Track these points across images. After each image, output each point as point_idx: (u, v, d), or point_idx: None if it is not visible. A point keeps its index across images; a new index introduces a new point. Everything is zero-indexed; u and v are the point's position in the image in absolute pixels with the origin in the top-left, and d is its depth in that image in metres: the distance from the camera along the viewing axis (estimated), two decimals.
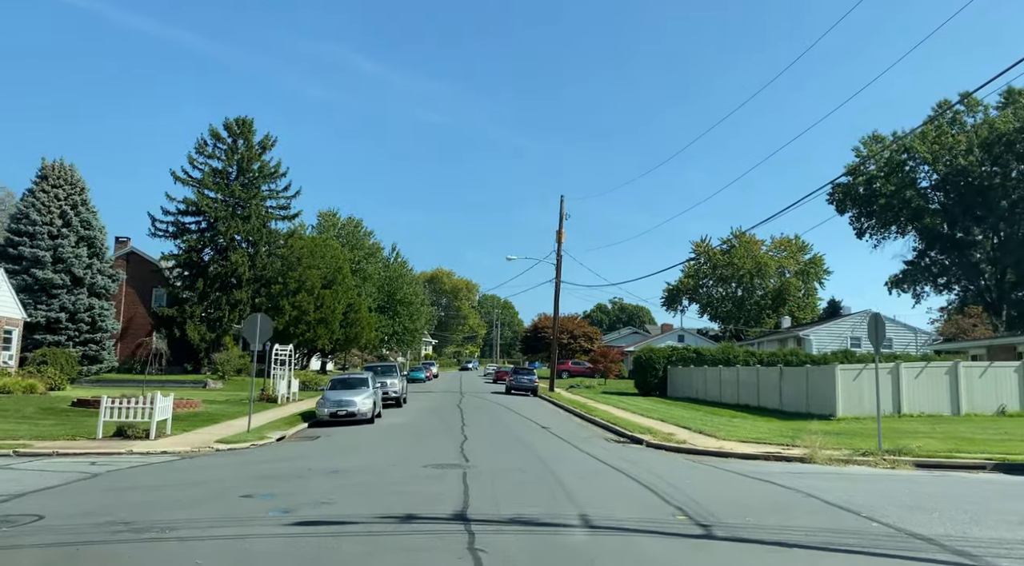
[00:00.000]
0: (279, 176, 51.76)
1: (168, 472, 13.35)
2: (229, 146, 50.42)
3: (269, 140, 51.60)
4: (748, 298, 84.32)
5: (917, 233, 69.42)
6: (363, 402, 24.44)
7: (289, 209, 51.71)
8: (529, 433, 21.85)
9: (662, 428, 22.66)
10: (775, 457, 17.10)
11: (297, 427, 22.98)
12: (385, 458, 15.09)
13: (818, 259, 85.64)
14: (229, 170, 50.49)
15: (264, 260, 49.61)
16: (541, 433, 22.06)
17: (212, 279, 48.52)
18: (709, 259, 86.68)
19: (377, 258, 62.66)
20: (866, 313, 53.88)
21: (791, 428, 23.01)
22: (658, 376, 45.93)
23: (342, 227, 62.20)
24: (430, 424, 24.57)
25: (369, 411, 24.46)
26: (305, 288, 47.49)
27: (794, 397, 28.76)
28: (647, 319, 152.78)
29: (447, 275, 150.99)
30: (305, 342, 46.74)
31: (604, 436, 22.00)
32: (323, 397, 25.03)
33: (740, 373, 35.49)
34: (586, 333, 78.84)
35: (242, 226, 48.82)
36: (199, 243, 49.06)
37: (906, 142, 60.85)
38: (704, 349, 47.48)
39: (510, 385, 45.71)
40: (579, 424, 26.14)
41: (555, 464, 14.30)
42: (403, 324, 61.35)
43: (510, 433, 21.75)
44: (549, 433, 22.07)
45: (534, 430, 23.01)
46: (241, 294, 47.96)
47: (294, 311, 46.38)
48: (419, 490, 10.79)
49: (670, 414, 28.16)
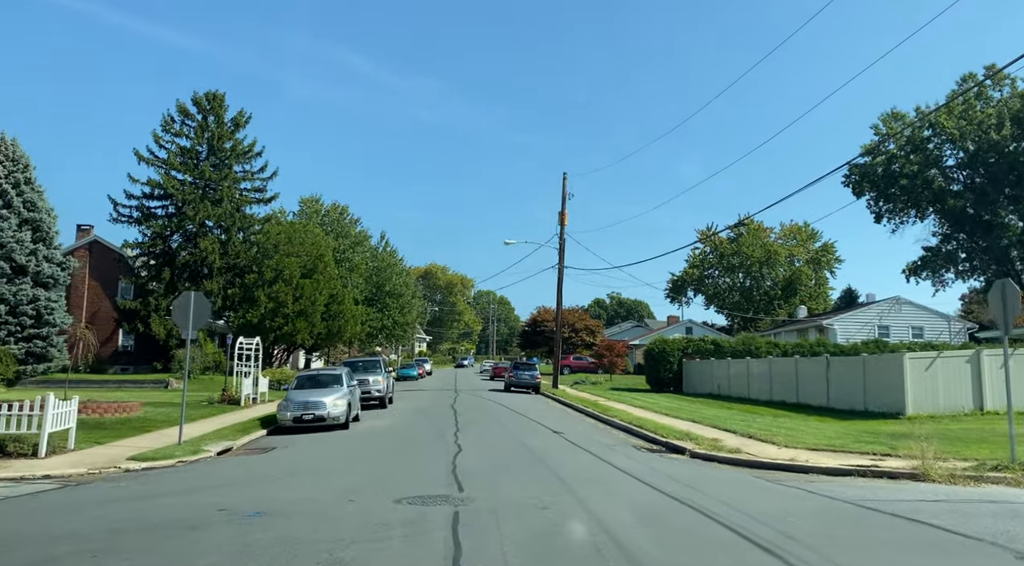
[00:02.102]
0: (254, 156, 47.32)
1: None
2: (199, 123, 45.94)
3: (243, 116, 47.14)
4: (757, 288, 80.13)
5: (939, 216, 65.18)
6: (334, 404, 20.10)
7: (265, 192, 47.30)
8: (539, 440, 17.53)
9: (702, 432, 18.37)
10: (872, 472, 12.81)
11: (252, 435, 18.63)
12: (345, 486, 10.74)
13: (829, 247, 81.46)
14: (199, 149, 46.00)
15: (237, 247, 45.15)
16: (554, 440, 17.74)
17: (180, 268, 44.06)
18: (716, 248, 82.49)
19: (364, 247, 58.07)
20: (894, 299, 49.79)
21: (858, 430, 18.74)
22: (672, 370, 41.64)
23: (326, 214, 57.66)
24: (417, 430, 20.22)
25: (342, 414, 20.13)
26: (283, 278, 43.02)
27: (846, 392, 24.49)
28: (646, 313, 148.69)
29: (441, 270, 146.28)
30: (283, 337, 42.27)
31: (631, 443, 17.70)
32: (286, 398, 20.69)
33: (773, 365, 31.22)
34: (588, 326, 74.53)
35: (213, 210, 44.36)
36: (166, 229, 44.56)
37: (931, 118, 56.60)
38: (722, 340, 43.21)
39: (509, 382, 41.41)
40: (596, 427, 21.82)
41: (588, 491, 10.00)
42: (393, 318, 56.81)
43: (515, 441, 17.41)
44: (564, 440, 17.75)
45: (544, 436, 18.70)
46: (212, 284, 43.49)
47: (270, 303, 41.91)
48: (375, 559, 6.45)
49: (699, 413, 23.89)
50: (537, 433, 19.36)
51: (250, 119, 47.25)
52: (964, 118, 56.98)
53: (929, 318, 48.63)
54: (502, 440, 17.45)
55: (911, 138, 60.49)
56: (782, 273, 79.17)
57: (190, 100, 45.76)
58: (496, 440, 17.37)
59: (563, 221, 43.37)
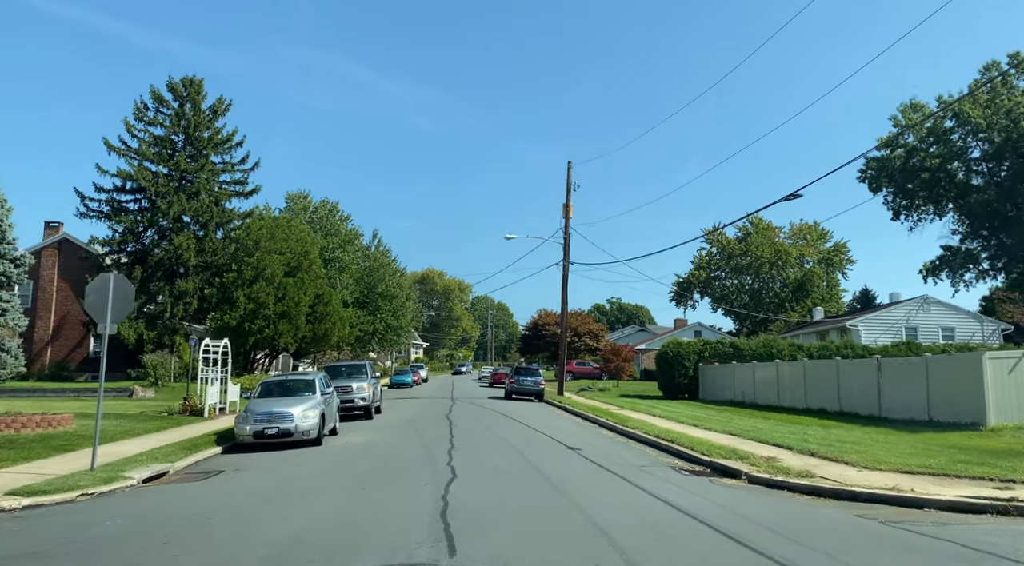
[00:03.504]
0: (234, 146, 43.87)
1: None
2: (175, 111, 42.49)
3: (222, 104, 43.73)
4: (767, 290, 76.76)
5: (959, 213, 61.91)
6: (304, 415, 16.67)
7: (246, 184, 43.79)
8: (554, 462, 14.10)
9: (750, 448, 14.97)
10: (1015, 510, 9.41)
11: (200, 454, 15.20)
12: (281, 541, 7.28)
13: (842, 247, 78.11)
14: (174, 138, 42.54)
15: (215, 244, 41.68)
16: (573, 461, 14.33)
17: (153, 267, 40.56)
18: (723, 248, 79.14)
19: (355, 246, 54.57)
20: (922, 299, 46.42)
21: (939, 445, 15.33)
22: (688, 375, 38.24)
23: (314, 211, 54.20)
24: (404, 447, 16.77)
25: (313, 428, 16.69)
26: (264, 276, 39.57)
27: (904, 399, 21.09)
28: (647, 319, 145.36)
29: (438, 275, 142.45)
30: (264, 340, 38.76)
31: (665, 462, 14.31)
32: (246, 408, 17.26)
33: (809, 369, 27.80)
34: (591, 330, 71.06)
35: (189, 204, 40.89)
36: (138, 225, 41.08)
37: (955, 107, 53.38)
38: (742, 342, 39.79)
39: (511, 388, 37.95)
40: (617, 441, 18.39)
41: (648, 553, 6.58)
42: (385, 321, 53.26)
43: (524, 462, 13.97)
44: (584, 460, 14.34)
45: (559, 455, 15.28)
46: (187, 284, 40.01)
47: (250, 303, 38.43)
48: None
49: (734, 424, 20.51)
50: (550, 451, 15.93)
51: (230, 107, 43.85)
52: (990, 107, 53.84)
53: (960, 318, 45.25)
54: (507, 462, 14.01)
55: (932, 129, 57.29)
56: (793, 274, 75.83)
57: (165, 86, 42.42)
58: (500, 462, 13.93)
59: (568, 214, 40.04)
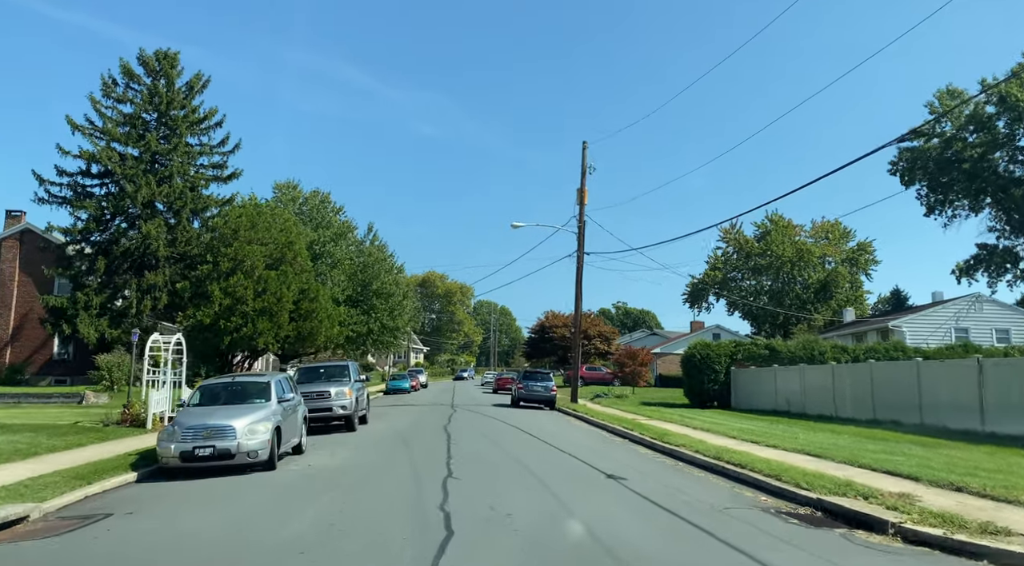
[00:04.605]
0: (213, 126, 39.73)
1: None
2: (147, 87, 38.37)
3: (199, 80, 39.61)
4: (788, 291, 72.33)
5: (997, 208, 57.53)
6: (250, 429, 12.38)
7: (225, 168, 39.60)
8: (595, 500, 9.74)
9: (865, 480, 10.60)
10: None
11: (103, 484, 10.94)
12: None
13: (866, 246, 73.65)
14: (145, 117, 38.39)
15: (189, 232, 37.48)
16: (618, 498, 9.97)
17: (119, 258, 36.38)
18: (741, 247, 74.79)
19: (349, 240, 50.31)
20: (974, 297, 42.13)
21: None
22: (718, 381, 33.82)
23: (304, 201, 50.00)
24: (382, 475, 12.44)
25: (263, 446, 12.38)
26: (243, 269, 35.28)
27: (1020, 410, 16.75)
28: (654, 324, 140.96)
29: (440, 278, 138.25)
30: (241, 340, 34.40)
31: (748, 497, 9.99)
32: (174, 421, 13.04)
33: (875, 372, 23.40)
34: (602, 333, 66.69)
35: (160, 188, 36.73)
36: (104, 211, 36.90)
37: (1001, 89, 49.10)
38: (778, 344, 35.43)
39: (519, 395, 33.62)
40: (662, 464, 14.01)
41: None
42: (380, 321, 48.97)
43: (553, 501, 9.60)
44: (633, 495, 9.98)
45: (596, 486, 10.94)
46: (156, 277, 35.81)
47: (226, 299, 34.13)
48: None
49: (802, 440, 16.23)
50: (583, 481, 11.58)
51: (208, 83, 39.77)
52: None
53: (1017, 319, 40.90)
54: (528, 501, 9.64)
55: (973, 115, 52.99)
56: (815, 274, 71.42)
57: (135, 59, 38.29)
58: (517, 502, 9.56)
59: (583, 199, 35.76)
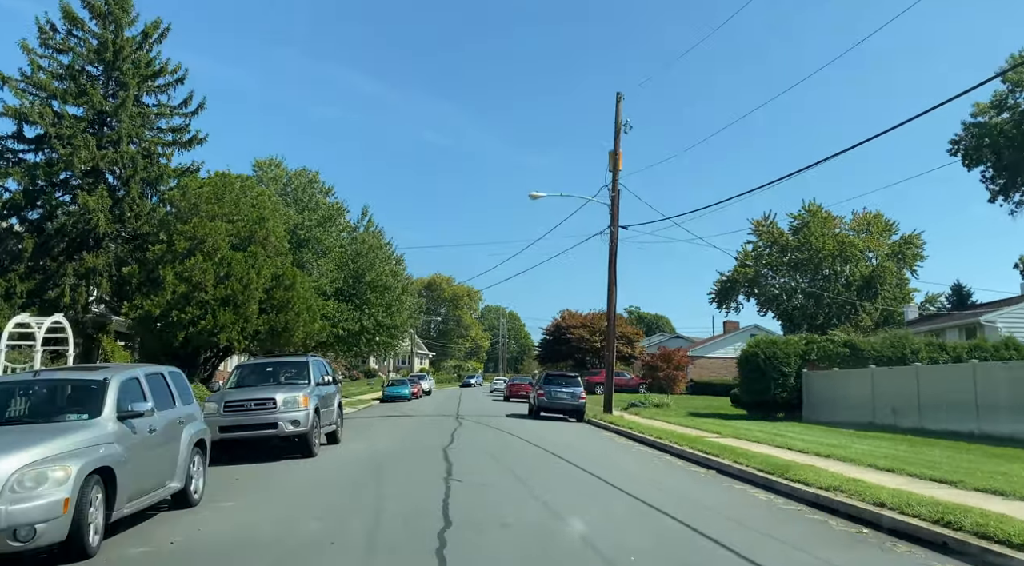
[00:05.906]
0: (172, 84, 33.25)
1: None
2: (94, 35, 32.01)
3: (157, 28, 33.21)
4: (829, 287, 65.38)
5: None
6: (34, 491, 5.77)
7: (186, 131, 33.12)
8: None
9: None
10: None
11: None
12: None
13: (914, 239, 66.65)
14: (91, 70, 32.05)
15: (140, 206, 31.03)
16: None
17: (52, 237, 29.97)
18: (774, 241, 68.00)
19: (339, 225, 43.88)
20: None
21: None
22: (787, 385, 27.16)
23: (288, 182, 43.64)
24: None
25: (60, 530, 5.77)
26: (202, 250, 28.86)
27: None
28: (667, 329, 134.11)
29: (446, 281, 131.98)
30: (198, 335, 27.81)
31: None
32: None
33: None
34: (625, 334, 59.96)
35: (103, 153, 30.32)
36: (35, 181, 30.51)
37: None
38: (860, 341, 28.75)
39: (540, 404, 26.94)
40: (823, 525, 7.38)
41: None
42: (375, 317, 42.38)
43: None
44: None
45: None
46: (96, 259, 29.34)
47: (181, 285, 27.62)
48: None
49: (987, 475, 9.63)
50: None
51: (167, 32, 33.41)
52: None
53: None
54: None
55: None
56: (859, 270, 64.52)
57: (79, 1, 31.93)
58: None
59: (616, 164, 29.21)
